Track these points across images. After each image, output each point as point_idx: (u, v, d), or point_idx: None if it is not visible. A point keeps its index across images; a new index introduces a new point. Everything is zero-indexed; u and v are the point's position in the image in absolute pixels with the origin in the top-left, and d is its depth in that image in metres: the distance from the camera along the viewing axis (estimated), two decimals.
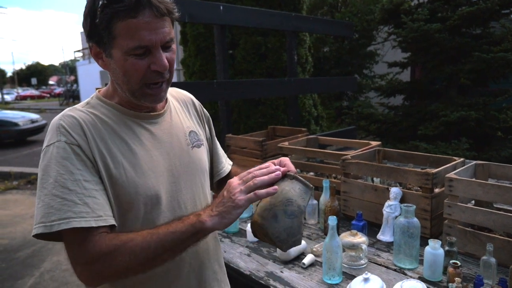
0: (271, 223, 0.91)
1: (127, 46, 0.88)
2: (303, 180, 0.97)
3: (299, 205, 0.93)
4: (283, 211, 0.91)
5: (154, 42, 0.89)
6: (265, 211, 0.93)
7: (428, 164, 2.00)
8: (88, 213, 0.86)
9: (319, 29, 4.29)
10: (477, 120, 4.88)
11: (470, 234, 1.48)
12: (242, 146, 2.66)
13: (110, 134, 0.96)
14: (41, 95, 43.44)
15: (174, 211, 1.03)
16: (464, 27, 5.43)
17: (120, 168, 0.94)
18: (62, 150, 0.89)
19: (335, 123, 8.31)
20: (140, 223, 0.97)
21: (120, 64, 0.91)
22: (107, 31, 0.88)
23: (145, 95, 0.96)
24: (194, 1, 3.09)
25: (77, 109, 0.98)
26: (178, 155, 1.07)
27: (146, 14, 0.87)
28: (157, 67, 0.91)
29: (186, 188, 1.07)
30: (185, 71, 5.69)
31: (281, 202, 0.92)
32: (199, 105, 1.26)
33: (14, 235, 4.45)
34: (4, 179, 6.91)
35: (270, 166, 0.97)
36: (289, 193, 0.93)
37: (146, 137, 1.02)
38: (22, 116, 11.23)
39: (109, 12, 0.86)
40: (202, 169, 1.14)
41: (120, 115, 1.00)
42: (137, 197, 0.95)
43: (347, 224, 1.87)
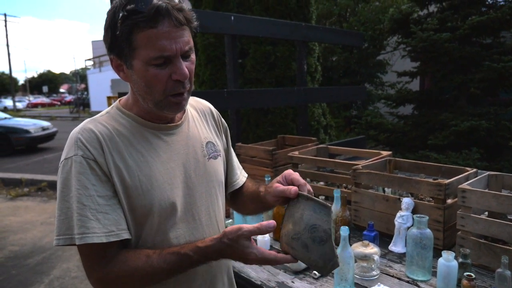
0: (304, 253, 0.89)
1: (148, 56, 0.89)
2: (319, 201, 0.92)
3: (325, 230, 0.88)
4: (311, 240, 0.88)
5: (175, 51, 0.90)
6: (293, 241, 0.90)
7: (440, 175, 1.98)
8: (100, 228, 0.90)
9: (329, 39, 4.31)
10: (488, 130, 4.84)
11: (484, 246, 1.47)
12: (252, 155, 2.67)
13: (126, 147, 0.97)
14: (52, 103, 44.04)
15: (188, 222, 1.04)
16: (474, 37, 5.42)
17: (136, 180, 0.95)
18: (78, 165, 0.91)
19: (344, 132, 8.29)
20: (154, 234, 0.99)
21: (142, 75, 0.92)
22: (127, 43, 0.89)
23: (169, 104, 0.96)
24: (205, 12, 3.13)
25: (96, 120, 0.99)
26: (194, 167, 1.07)
27: (165, 24, 0.88)
28: (178, 76, 0.92)
29: (200, 200, 1.07)
30: (195, 80, 5.73)
31: (306, 230, 0.89)
32: (217, 115, 1.25)
33: (24, 241, 4.49)
34: (15, 186, 6.99)
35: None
36: (311, 218, 0.90)
37: (163, 149, 1.02)
38: (33, 124, 11.37)
39: (129, 24, 0.87)
40: (218, 181, 1.14)
41: (138, 127, 1.01)
42: (152, 209, 0.96)
43: (358, 234, 1.85)
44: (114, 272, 0.91)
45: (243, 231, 0.88)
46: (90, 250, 0.91)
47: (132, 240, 0.98)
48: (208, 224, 1.09)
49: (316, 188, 2.25)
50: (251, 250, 0.88)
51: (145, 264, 0.90)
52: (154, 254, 0.92)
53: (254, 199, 1.16)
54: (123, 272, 0.90)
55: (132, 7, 0.86)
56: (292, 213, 0.94)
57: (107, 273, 0.91)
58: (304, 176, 2.33)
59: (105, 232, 0.90)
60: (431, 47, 5.23)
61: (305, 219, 0.90)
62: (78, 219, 0.89)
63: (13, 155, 10.21)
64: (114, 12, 0.89)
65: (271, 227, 0.89)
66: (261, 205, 1.12)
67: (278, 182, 1.01)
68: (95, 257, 0.92)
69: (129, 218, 0.96)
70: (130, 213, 0.96)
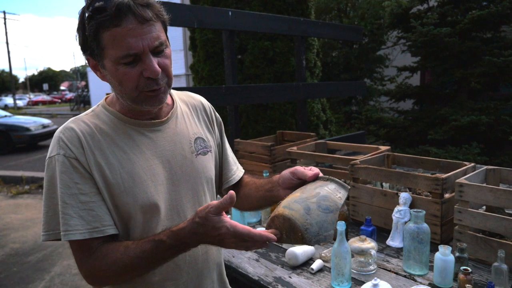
0: (302, 214, 0.84)
1: (115, 56, 0.88)
2: (338, 181, 0.92)
3: (335, 201, 0.87)
4: (316, 205, 0.86)
5: (142, 48, 0.88)
6: (295, 203, 0.87)
7: (438, 169, 1.98)
8: (83, 225, 0.91)
9: (327, 34, 4.29)
10: (488, 124, 4.83)
11: (481, 240, 1.46)
12: (250, 151, 2.67)
13: (108, 144, 0.97)
14: (53, 101, 44.08)
15: (173, 219, 1.03)
16: (474, 31, 5.40)
17: (118, 178, 0.95)
18: (61, 164, 0.92)
19: (344, 128, 8.28)
20: (140, 230, 0.99)
21: (113, 74, 0.92)
22: (96, 43, 0.89)
23: (146, 98, 0.94)
24: (203, 7, 3.12)
25: (79, 119, 0.99)
26: (180, 163, 1.06)
27: (129, 21, 0.86)
28: (148, 74, 0.90)
29: (186, 196, 1.06)
30: (194, 76, 5.73)
31: (315, 197, 0.87)
32: (210, 109, 1.23)
33: (25, 239, 4.51)
34: (16, 184, 7.01)
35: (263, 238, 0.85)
36: (323, 190, 0.89)
37: (147, 146, 1.01)
38: (33, 121, 11.38)
39: (94, 24, 0.86)
40: (206, 177, 1.12)
41: (121, 124, 1.00)
42: (135, 206, 0.96)
43: (356, 229, 1.85)
44: (97, 266, 0.92)
45: (210, 207, 0.85)
46: (77, 246, 0.94)
47: (122, 236, 0.98)
48: None
49: None
50: (222, 224, 0.83)
51: (123, 255, 0.90)
52: (133, 244, 0.92)
53: (263, 189, 1.15)
54: (105, 265, 0.92)
55: (95, 6, 0.85)
56: (304, 188, 0.94)
57: (92, 267, 0.93)
58: None
59: (88, 229, 0.91)
60: (431, 42, 5.21)
61: (318, 191, 0.89)
62: (62, 217, 0.91)
63: (13, 153, 10.23)
64: (83, 12, 0.89)
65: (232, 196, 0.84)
66: (268, 196, 1.12)
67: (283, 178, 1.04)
68: (82, 252, 0.94)
69: (115, 216, 0.97)
70: (114, 210, 0.96)
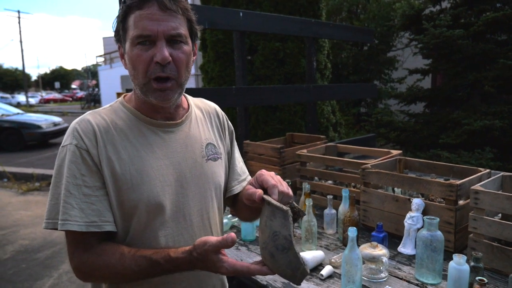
0: (272, 263, 0.85)
1: (132, 35, 0.93)
2: (274, 204, 0.86)
3: (285, 236, 0.83)
4: (275, 248, 0.84)
5: (156, 32, 0.91)
6: (264, 252, 0.87)
7: (451, 175, 1.93)
8: (82, 217, 0.91)
9: (339, 35, 4.25)
10: (502, 129, 4.74)
11: (497, 250, 1.42)
12: (260, 153, 2.65)
13: (122, 140, 0.97)
14: (64, 99, 44.54)
15: (178, 222, 1.02)
16: (488, 33, 5.31)
17: (127, 173, 0.95)
18: (71, 154, 0.94)
19: (354, 130, 8.22)
20: (142, 230, 0.98)
21: (129, 56, 0.95)
22: (122, 26, 0.95)
23: (152, 90, 0.95)
24: (214, 8, 3.11)
25: (96, 112, 1.01)
26: (190, 167, 1.05)
27: (152, 6, 0.91)
28: (157, 58, 0.92)
29: (194, 200, 1.05)
30: (203, 76, 5.73)
31: (270, 238, 0.85)
32: (223, 117, 1.23)
33: (34, 235, 4.54)
34: (27, 181, 7.08)
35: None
36: (272, 224, 0.85)
37: (159, 145, 1.01)
38: (45, 119, 11.50)
39: (124, 7, 0.93)
40: (215, 183, 1.11)
41: (136, 121, 1.01)
42: (140, 203, 0.96)
43: (366, 235, 1.82)
44: (89, 263, 0.92)
45: (208, 245, 0.85)
46: (72, 237, 0.94)
47: (120, 235, 0.98)
48: (200, 226, 1.07)
49: (324, 187, 2.22)
50: (221, 264, 0.86)
51: (117, 262, 0.90)
52: (129, 253, 0.91)
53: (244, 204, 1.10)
54: (96, 265, 0.92)
55: None
56: (260, 220, 0.90)
57: (83, 262, 0.93)
58: (312, 175, 2.30)
59: (86, 222, 0.91)
60: (444, 44, 5.13)
61: (268, 226, 0.86)
62: (63, 206, 0.91)
63: (25, 150, 10.34)
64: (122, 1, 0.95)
65: (233, 239, 0.84)
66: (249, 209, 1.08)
67: (251, 184, 0.96)
68: (76, 245, 0.94)
69: (117, 212, 0.96)
70: (118, 206, 0.96)
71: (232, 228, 2.00)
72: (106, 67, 24.43)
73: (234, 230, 1.97)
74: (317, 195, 2.25)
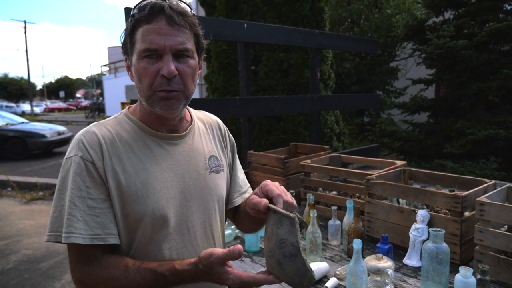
0: (279, 271, 0.86)
1: (139, 49, 0.93)
2: (280, 211, 0.87)
3: (292, 243, 0.84)
4: (282, 256, 0.85)
5: (163, 46, 0.92)
6: (271, 260, 0.87)
7: (456, 186, 1.92)
8: (86, 230, 0.91)
9: (342, 46, 4.27)
10: (507, 139, 4.72)
11: (504, 262, 1.41)
12: (263, 163, 2.65)
13: (127, 152, 0.98)
14: (68, 108, 44.87)
15: (182, 234, 1.02)
16: (492, 44, 5.32)
17: (132, 186, 0.95)
18: (76, 165, 0.93)
19: (357, 140, 8.21)
20: (147, 242, 0.98)
21: (135, 69, 0.96)
22: (130, 39, 0.95)
23: (158, 100, 0.96)
24: (218, 19, 3.14)
25: (101, 124, 1.01)
26: (194, 179, 1.06)
27: (160, 20, 0.92)
28: (163, 72, 0.92)
29: (197, 212, 1.06)
30: (208, 86, 5.77)
31: (277, 246, 0.86)
32: (224, 130, 1.25)
33: (38, 245, 4.54)
34: (31, 190, 7.09)
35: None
36: (279, 232, 0.86)
37: (163, 158, 1.02)
38: (49, 128, 11.58)
39: (133, 21, 0.94)
40: (218, 195, 1.12)
41: (141, 133, 1.02)
42: (145, 216, 0.96)
43: (371, 246, 1.81)
44: (93, 276, 0.92)
45: (214, 257, 0.85)
46: (75, 250, 0.93)
47: (124, 247, 0.97)
48: (203, 239, 1.07)
49: (328, 198, 2.22)
50: (227, 276, 0.86)
51: (122, 275, 0.90)
52: (134, 266, 0.91)
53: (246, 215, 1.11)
54: (100, 278, 0.91)
55: (138, 6, 0.93)
56: (266, 229, 0.91)
57: (87, 275, 0.92)
58: (316, 185, 2.30)
59: (90, 235, 0.91)
60: (447, 54, 5.15)
61: (275, 234, 0.87)
62: (67, 218, 0.91)
63: (29, 159, 10.40)
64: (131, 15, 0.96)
65: (240, 251, 0.85)
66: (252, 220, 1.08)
67: (255, 194, 0.97)
68: (79, 258, 0.93)
69: (122, 224, 0.96)
70: (123, 218, 0.96)
71: (236, 239, 1.99)
72: (111, 76, 24.63)
73: (238, 241, 1.96)
74: (321, 206, 2.25)
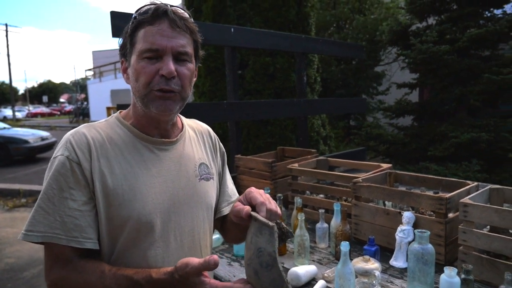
0: (256, 280, 0.84)
1: (140, 49, 0.94)
2: (260, 220, 0.85)
3: (270, 253, 0.82)
4: (259, 265, 0.83)
5: (165, 47, 0.93)
6: (248, 268, 0.86)
7: (440, 188, 1.96)
8: (64, 231, 0.90)
9: (328, 51, 4.32)
10: (488, 141, 4.84)
11: (486, 262, 1.44)
12: (251, 167, 2.65)
13: (116, 155, 0.97)
14: (52, 113, 44.10)
15: (168, 242, 1.00)
16: (473, 49, 5.46)
17: (119, 189, 0.94)
18: (61, 165, 0.92)
19: (343, 143, 8.29)
20: (130, 248, 0.96)
21: (134, 69, 0.96)
22: (130, 39, 0.96)
23: (154, 98, 0.95)
24: (206, 24, 3.15)
25: (92, 126, 1.00)
26: (183, 186, 1.05)
27: (163, 24, 0.94)
28: (163, 71, 0.93)
29: (185, 220, 1.04)
30: (194, 90, 5.75)
31: (254, 254, 0.84)
32: (214, 138, 1.24)
33: (20, 253, 4.44)
34: (13, 197, 6.94)
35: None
36: (257, 241, 0.85)
37: (153, 163, 1.01)
38: (32, 134, 11.35)
39: (135, 22, 0.96)
40: (207, 203, 1.11)
41: (132, 137, 1.01)
42: (130, 220, 0.94)
43: (358, 248, 1.83)
44: (68, 280, 0.90)
45: (190, 268, 0.84)
46: (51, 251, 0.92)
47: (106, 252, 0.96)
48: (191, 247, 1.05)
49: (316, 201, 2.23)
50: (203, 286, 0.84)
51: (97, 280, 0.89)
52: (110, 272, 0.89)
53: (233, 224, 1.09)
54: (76, 282, 0.90)
55: (142, 9, 0.95)
56: (246, 237, 0.90)
57: (62, 278, 0.91)
58: (303, 189, 2.31)
59: (67, 236, 0.90)
60: (431, 59, 5.26)
61: (253, 243, 0.85)
62: (45, 218, 0.90)
63: (11, 165, 10.17)
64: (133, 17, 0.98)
65: (216, 262, 0.83)
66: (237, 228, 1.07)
67: (239, 201, 0.97)
68: (55, 259, 0.92)
69: (105, 228, 0.94)
70: (106, 222, 0.94)
71: (224, 243, 1.99)
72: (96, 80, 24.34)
73: (226, 245, 1.96)
74: (309, 209, 2.26)
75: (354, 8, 8.76)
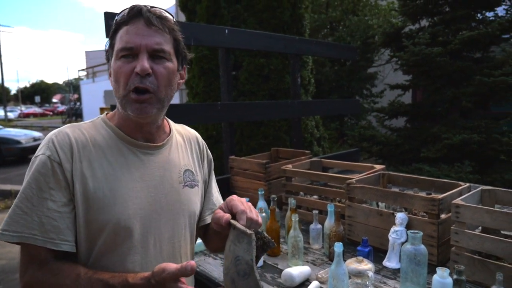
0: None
1: (117, 48, 0.94)
2: (239, 228, 0.85)
3: (247, 261, 0.81)
4: (236, 274, 0.82)
5: (139, 45, 0.93)
6: (226, 277, 0.85)
7: (433, 189, 1.98)
8: (41, 232, 0.88)
9: (322, 52, 4.34)
10: (480, 143, 4.88)
11: (478, 262, 1.46)
12: (245, 168, 2.65)
13: (99, 157, 0.95)
14: (44, 113, 43.71)
15: (147, 249, 0.99)
16: (465, 51, 5.51)
17: (100, 192, 0.93)
18: (42, 164, 0.91)
19: (337, 144, 8.31)
20: (108, 253, 0.95)
21: (113, 69, 0.96)
22: (110, 42, 0.97)
23: (130, 102, 0.94)
24: (200, 25, 3.15)
25: (76, 126, 0.99)
26: (166, 192, 1.03)
27: (138, 22, 0.94)
28: (136, 69, 0.92)
29: (166, 226, 1.03)
30: (188, 91, 5.74)
31: (232, 263, 0.83)
32: (202, 145, 1.23)
33: (12, 255, 4.40)
34: (5, 198, 6.87)
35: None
36: (235, 249, 0.84)
37: (136, 167, 0.99)
38: (24, 134, 11.25)
39: (114, 25, 0.96)
40: (189, 211, 1.09)
41: (116, 139, 1.00)
42: (108, 224, 0.93)
43: (352, 249, 1.84)
44: (43, 282, 0.89)
45: (166, 273, 0.82)
46: (28, 252, 0.91)
47: (83, 255, 0.95)
48: (170, 255, 1.04)
49: (309, 202, 2.24)
50: None
51: (72, 283, 0.87)
52: (85, 275, 0.88)
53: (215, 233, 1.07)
54: (50, 284, 0.89)
55: (121, 12, 0.96)
56: (225, 245, 0.89)
57: (37, 280, 0.90)
58: (297, 190, 2.32)
59: (44, 237, 0.89)
60: (423, 61, 5.30)
61: (232, 251, 0.85)
62: (23, 218, 0.88)
63: (3, 166, 10.07)
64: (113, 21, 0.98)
65: (192, 267, 0.81)
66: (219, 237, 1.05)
67: (220, 208, 0.95)
68: (31, 260, 0.91)
69: (83, 231, 0.93)
70: (85, 225, 0.93)
71: None
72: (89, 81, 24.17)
73: None
74: (302, 210, 2.27)
75: (347, 10, 8.81)
